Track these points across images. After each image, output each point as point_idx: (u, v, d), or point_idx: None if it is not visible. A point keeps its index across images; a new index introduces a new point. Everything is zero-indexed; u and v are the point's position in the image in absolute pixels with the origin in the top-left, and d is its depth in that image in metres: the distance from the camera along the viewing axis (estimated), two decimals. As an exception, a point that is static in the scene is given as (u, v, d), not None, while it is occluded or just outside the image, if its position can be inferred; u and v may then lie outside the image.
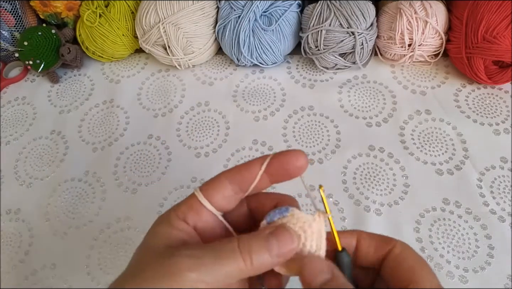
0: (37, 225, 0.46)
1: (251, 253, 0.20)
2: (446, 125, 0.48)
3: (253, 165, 0.23)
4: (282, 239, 0.21)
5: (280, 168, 0.23)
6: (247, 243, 0.20)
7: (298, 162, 0.23)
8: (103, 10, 0.56)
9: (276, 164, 0.23)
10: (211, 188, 0.23)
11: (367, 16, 0.49)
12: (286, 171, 0.23)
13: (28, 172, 0.50)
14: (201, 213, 0.22)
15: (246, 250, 0.20)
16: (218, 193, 0.23)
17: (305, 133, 0.50)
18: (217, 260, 0.20)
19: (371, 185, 0.45)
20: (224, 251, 0.20)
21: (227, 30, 0.52)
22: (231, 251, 0.20)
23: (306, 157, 0.23)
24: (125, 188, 0.48)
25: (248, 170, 0.23)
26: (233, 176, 0.23)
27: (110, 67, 0.60)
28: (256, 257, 0.20)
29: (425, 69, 0.54)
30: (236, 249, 0.20)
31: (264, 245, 0.20)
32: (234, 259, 0.20)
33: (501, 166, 0.44)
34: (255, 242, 0.20)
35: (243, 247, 0.20)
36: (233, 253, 0.20)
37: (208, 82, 0.56)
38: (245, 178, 0.23)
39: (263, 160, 0.23)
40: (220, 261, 0.19)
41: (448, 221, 0.42)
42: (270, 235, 0.21)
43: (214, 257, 0.20)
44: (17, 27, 0.58)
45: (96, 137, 0.53)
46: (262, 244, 0.20)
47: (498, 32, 0.45)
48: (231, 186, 0.23)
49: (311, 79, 0.55)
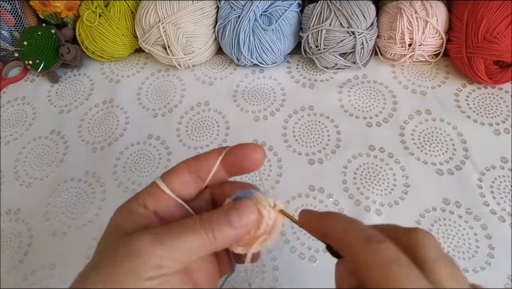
0: (36, 225, 0.46)
1: (212, 225, 0.20)
2: (447, 125, 0.48)
3: (211, 155, 0.23)
4: (242, 211, 0.21)
5: (236, 161, 0.23)
6: (207, 217, 0.21)
7: (255, 156, 0.23)
8: (103, 10, 0.55)
9: (233, 156, 0.23)
10: (170, 175, 0.23)
11: (367, 15, 0.49)
12: (242, 164, 0.23)
13: (28, 172, 0.50)
14: (161, 199, 0.22)
15: (207, 224, 0.20)
16: (177, 179, 0.23)
17: (305, 133, 0.50)
18: (179, 235, 0.20)
19: (371, 185, 0.45)
20: (185, 226, 0.20)
21: (227, 30, 0.52)
22: (193, 226, 0.20)
23: (263, 151, 0.23)
24: (124, 188, 0.48)
25: (206, 160, 0.23)
26: (191, 165, 0.23)
27: (110, 67, 0.60)
28: (218, 229, 0.20)
29: (426, 69, 0.53)
30: (197, 223, 0.20)
31: (225, 218, 0.20)
32: (196, 233, 0.20)
33: (501, 166, 0.44)
34: (215, 216, 0.21)
35: (203, 221, 0.20)
36: (194, 228, 0.20)
37: (208, 82, 0.56)
38: (203, 168, 0.23)
39: (221, 151, 0.23)
40: (182, 235, 0.20)
41: (449, 221, 0.42)
42: (230, 208, 0.21)
43: (176, 232, 0.20)
44: (16, 27, 0.58)
45: (96, 137, 0.53)
46: (222, 217, 0.20)
47: (499, 32, 0.45)
48: (190, 174, 0.23)
49: (311, 79, 0.55)
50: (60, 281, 0.42)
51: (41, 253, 0.44)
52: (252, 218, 0.21)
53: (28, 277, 0.42)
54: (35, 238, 0.45)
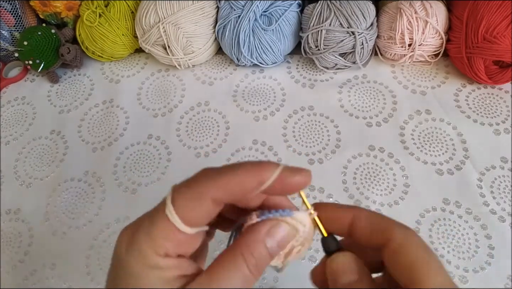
0: (36, 225, 0.46)
1: (256, 267, 0.19)
2: (446, 125, 0.48)
3: (247, 182, 0.19)
4: (279, 237, 0.20)
5: (282, 186, 0.19)
6: (249, 255, 0.19)
7: (301, 181, 0.20)
8: (103, 10, 0.55)
9: (277, 186, 0.19)
10: (188, 208, 0.19)
11: (367, 16, 0.49)
12: (287, 189, 0.20)
13: (28, 172, 0.50)
14: (180, 238, 0.19)
15: (251, 263, 0.19)
16: (196, 212, 0.19)
17: (305, 133, 0.50)
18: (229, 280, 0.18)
19: (371, 185, 0.45)
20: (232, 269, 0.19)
21: (227, 30, 0.52)
22: (240, 266, 0.19)
23: (310, 175, 0.20)
24: (124, 188, 0.48)
25: (240, 187, 0.19)
26: (219, 194, 0.19)
27: (110, 67, 0.60)
28: (260, 262, 0.19)
29: (425, 69, 0.53)
30: (243, 263, 0.19)
31: (264, 248, 0.19)
32: (243, 273, 0.19)
33: (501, 166, 0.44)
34: (256, 248, 0.19)
35: (247, 260, 0.19)
36: (241, 268, 0.19)
37: (208, 82, 0.56)
38: (235, 195, 0.19)
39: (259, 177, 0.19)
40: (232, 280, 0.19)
41: (448, 221, 0.42)
42: (267, 236, 0.20)
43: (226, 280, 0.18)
44: (17, 27, 0.58)
45: (96, 137, 0.53)
46: (262, 248, 0.19)
47: (498, 32, 0.45)
48: (214, 204, 0.19)
49: (311, 79, 0.55)
50: (60, 281, 0.42)
51: (41, 253, 0.44)
52: (288, 240, 0.20)
53: (29, 277, 0.42)
54: (35, 238, 0.45)
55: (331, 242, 0.21)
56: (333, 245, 0.21)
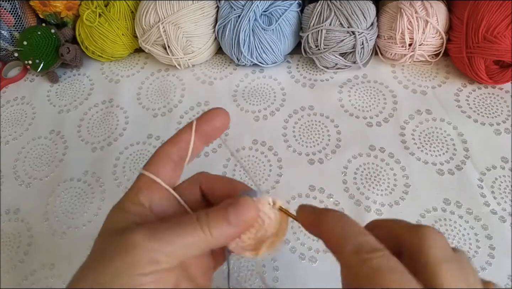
0: (36, 225, 0.46)
1: (209, 223, 0.20)
2: (447, 125, 0.48)
3: (184, 132, 0.24)
4: (239, 208, 0.20)
5: (207, 127, 0.24)
6: (204, 214, 0.20)
7: (221, 117, 0.24)
8: (103, 10, 0.55)
9: (204, 125, 0.24)
10: (155, 166, 0.23)
11: (367, 15, 0.49)
12: (213, 128, 0.24)
13: (28, 172, 0.50)
14: (153, 192, 0.22)
15: (204, 221, 0.20)
16: (162, 167, 0.23)
17: (305, 133, 0.50)
18: (175, 230, 0.19)
19: (371, 185, 0.44)
20: (182, 222, 0.20)
21: (227, 30, 0.52)
22: (189, 222, 0.20)
23: (226, 112, 0.25)
24: (124, 188, 0.47)
25: (181, 139, 0.24)
26: (169, 149, 0.23)
27: (109, 67, 0.60)
28: (215, 226, 0.20)
29: (426, 69, 0.53)
30: (194, 220, 0.20)
31: (222, 214, 0.20)
32: (193, 229, 0.20)
33: (502, 166, 0.44)
34: (213, 212, 0.20)
35: (200, 218, 0.20)
36: (191, 224, 0.20)
37: (208, 82, 0.56)
38: (181, 147, 0.24)
39: (191, 126, 0.24)
40: (178, 231, 0.19)
41: (449, 221, 0.41)
42: (228, 205, 0.21)
43: (171, 228, 0.19)
44: (16, 27, 0.58)
45: (95, 137, 0.52)
46: (220, 214, 0.20)
47: (499, 32, 0.45)
48: (171, 160, 0.23)
49: (311, 79, 0.55)
50: (60, 281, 0.42)
51: (41, 253, 0.44)
52: (249, 214, 0.21)
53: (28, 277, 0.42)
54: (34, 238, 0.45)
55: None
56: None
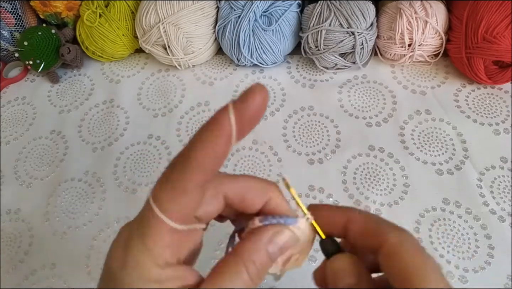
0: (37, 225, 0.46)
1: (258, 270, 0.19)
2: (446, 125, 0.48)
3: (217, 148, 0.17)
4: (282, 244, 0.20)
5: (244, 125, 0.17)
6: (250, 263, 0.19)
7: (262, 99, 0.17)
8: (103, 10, 0.56)
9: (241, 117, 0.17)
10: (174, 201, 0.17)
11: (367, 16, 0.49)
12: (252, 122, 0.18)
13: (28, 172, 0.50)
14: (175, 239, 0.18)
15: (252, 271, 0.19)
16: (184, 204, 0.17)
17: (305, 133, 0.50)
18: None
19: (371, 185, 0.45)
20: (234, 285, 0.18)
21: (227, 30, 0.52)
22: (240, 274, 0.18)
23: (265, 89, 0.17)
24: (125, 187, 0.48)
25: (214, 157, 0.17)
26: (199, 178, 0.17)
27: (110, 67, 0.60)
28: (261, 269, 0.19)
29: (425, 69, 0.53)
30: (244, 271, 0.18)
31: (266, 255, 0.19)
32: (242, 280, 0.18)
33: (501, 165, 0.44)
34: (258, 256, 0.19)
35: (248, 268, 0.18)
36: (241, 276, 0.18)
37: (208, 82, 0.56)
38: (214, 169, 0.18)
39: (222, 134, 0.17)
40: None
41: (448, 221, 0.42)
42: (269, 243, 0.19)
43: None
44: (17, 27, 0.58)
45: (96, 137, 0.53)
46: (264, 255, 0.19)
47: (498, 32, 0.45)
48: (199, 189, 0.18)
49: (311, 79, 0.55)
50: (60, 281, 0.42)
51: (42, 253, 0.44)
52: (289, 246, 0.20)
53: (29, 277, 0.42)
54: (35, 238, 0.45)
55: (329, 244, 0.21)
56: (332, 247, 0.21)
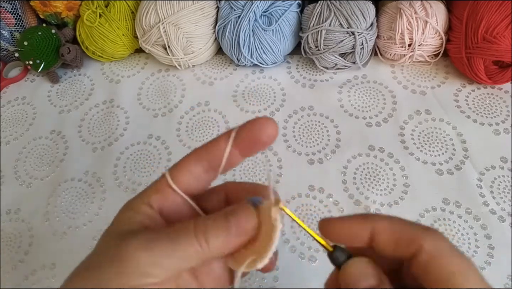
0: (37, 225, 0.46)
1: (206, 234, 0.18)
2: (446, 125, 0.48)
3: (221, 140, 0.21)
4: (240, 217, 0.19)
5: (249, 139, 0.20)
6: (203, 223, 0.19)
7: (269, 129, 0.20)
8: (103, 10, 0.56)
9: (245, 135, 0.20)
10: (178, 169, 0.21)
11: (367, 16, 0.49)
12: (256, 141, 0.20)
13: (28, 172, 0.50)
14: (167, 196, 0.21)
15: (202, 231, 0.18)
16: (186, 173, 0.21)
17: (305, 133, 0.50)
18: (171, 242, 0.18)
19: (371, 184, 0.45)
20: (179, 231, 0.19)
21: (227, 30, 0.52)
22: (186, 232, 0.18)
23: (275, 123, 0.20)
24: (125, 188, 0.48)
25: (216, 146, 0.21)
26: (201, 154, 0.21)
27: (110, 67, 0.60)
28: (213, 238, 0.18)
29: (425, 69, 0.54)
30: (191, 230, 0.18)
31: (223, 225, 0.19)
32: (189, 241, 0.18)
33: (501, 165, 0.44)
34: (212, 222, 0.19)
35: (198, 228, 0.18)
36: (187, 235, 0.18)
37: (208, 82, 0.56)
38: (214, 155, 0.21)
39: (230, 133, 0.21)
40: (174, 242, 0.18)
41: (448, 221, 0.42)
42: (229, 213, 0.19)
43: (168, 238, 0.18)
44: (17, 27, 0.58)
45: (96, 137, 0.53)
46: (220, 224, 0.19)
47: (498, 32, 0.45)
48: (200, 165, 0.21)
49: (311, 79, 0.55)
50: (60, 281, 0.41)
51: (42, 253, 0.44)
52: (249, 226, 0.19)
53: (29, 277, 0.42)
54: (35, 238, 0.45)
55: (339, 254, 0.20)
56: (342, 256, 0.20)
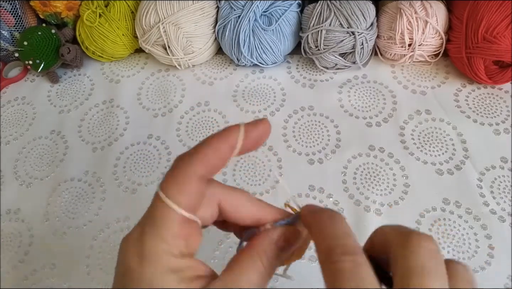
0: (37, 225, 0.46)
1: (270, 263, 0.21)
2: (446, 125, 0.48)
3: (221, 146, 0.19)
4: (292, 242, 0.22)
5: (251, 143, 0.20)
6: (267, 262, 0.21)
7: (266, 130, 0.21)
8: (103, 10, 0.55)
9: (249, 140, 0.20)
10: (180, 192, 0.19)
11: (367, 16, 0.49)
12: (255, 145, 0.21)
13: (28, 172, 0.50)
14: (186, 230, 0.19)
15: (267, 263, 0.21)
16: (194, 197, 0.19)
17: (305, 133, 0.50)
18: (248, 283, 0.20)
19: (371, 185, 0.45)
20: (251, 274, 0.20)
21: (227, 30, 0.52)
22: (259, 269, 0.20)
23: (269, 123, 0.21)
24: (124, 187, 0.48)
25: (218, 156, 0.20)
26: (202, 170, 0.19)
27: (110, 67, 0.60)
28: (276, 264, 0.21)
29: (425, 69, 0.53)
30: (261, 267, 0.20)
31: (279, 255, 0.21)
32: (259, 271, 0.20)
33: (501, 165, 0.44)
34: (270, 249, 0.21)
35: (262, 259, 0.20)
36: (260, 270, 0.20)
37: (208, 82, 0.56)
38: (215, 166, 0.20)
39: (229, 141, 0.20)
40: (248, 281, 0.20)
41: (448, 221, 0.42)
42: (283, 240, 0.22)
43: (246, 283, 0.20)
44: (17, 27, 0.58)
45: (96, 137, 0.53)
46: (276, 254, 0.21)
47: (498, 32, 0.45)
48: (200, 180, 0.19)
49: (311, 79, 0.55)
50: (60, 281, 0.42)
51: (42, 253, 0.44)
52: (297, 242, 0.22)
53: (29, 277, 0.42)
54: (35, 238, 0.45)
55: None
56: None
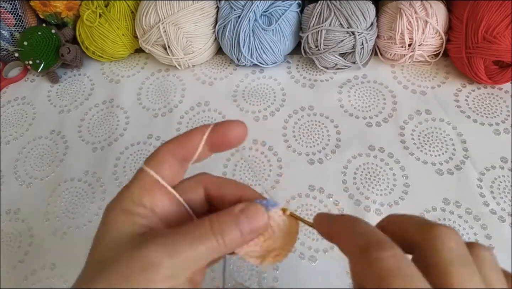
0: (37, 225, 0.46)
1: (222, 231, 0.20)
2: (446, 125, 0.48)
3: (194, 135, 0.23)
4: (252, 216, 0.21)
5: (220, 138, 0.23)
6: (217, 222, 0.20)
7: (238, 131, 0.23)
8: (103, 10, 0.55)
9: (216, 134, 0.23)
10: (157, 164, 0.22)
11: (367, 16, 0.49)
12: (226, 140, 0.23)
13: (28, 172, 0.50)
14: (155, 194, 0.21)
15: (218, 230, 0.20)
16: (167, 167, 0.22)
17: (305, 133, 0.50)
18: (191, 243, 0.19)
19: (371, 185, 0.45)
20: (196, 233, 0.20)
21: (227, 30, 0.52)
22: (204, 233, 0.20)
23: (245, 127, 0.23)
24: (125, 188, 0.48)
25: (190, 141, 0.23)
26: (175, 149, 0.22)
27: (110, 67, 0.60)
28: (228, 234, 0.20)
29: (425, 69, 0.53)
30: (208, 229, 0.20)
31: (234, 222, 0.20)
32: (208, 240, 0.19)
33: (501, 165, 0.44)
34: (224, 220, 0.20)
35: (214, 227, 0.20)
36: (206, 234, 0.20)
37: (208, 82, 0.56)
38: (188, 148, 0.22)
39: (203, 130, 0.23)
40: (195, 244, 0.19)
41: (448, 221, 0.42)
42: (240, 212, 0.21)
43: (187, 241, 0.19)
44: (17, 27, 0.58)
45: (96, 137, 0.53)
46: (232, 221, 0.20)
47: (498, 32, 0.45)
48: (176, 158, 0.22)
49: (311, 79, 0.55)
50: (60, 281, 0.42)
51: (42, 253, 0.44)
52: (261, 223, 0.21)
53: (29, 277, 0.42)
54: (35, 238, 0.45)
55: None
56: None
